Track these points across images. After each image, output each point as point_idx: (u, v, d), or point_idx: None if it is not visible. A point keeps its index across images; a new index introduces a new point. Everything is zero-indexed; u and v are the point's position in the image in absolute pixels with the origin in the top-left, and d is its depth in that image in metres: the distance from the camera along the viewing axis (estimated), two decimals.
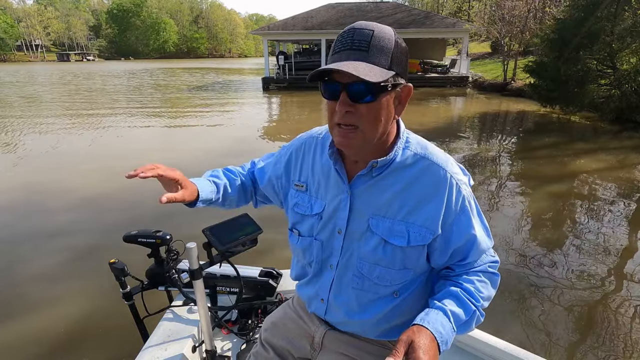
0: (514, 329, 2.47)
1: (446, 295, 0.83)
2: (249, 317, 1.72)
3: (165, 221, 4.00)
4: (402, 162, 0.84)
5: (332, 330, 1.01)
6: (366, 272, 0.89)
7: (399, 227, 0.84)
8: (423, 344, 0.69)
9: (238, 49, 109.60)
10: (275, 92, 17.48)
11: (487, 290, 0.87)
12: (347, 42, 0.73)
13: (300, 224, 0.98)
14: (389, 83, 0.73)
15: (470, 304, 0.82)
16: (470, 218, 0.85)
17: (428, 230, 0.83)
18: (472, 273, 0.87)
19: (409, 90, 0.80)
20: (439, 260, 0.89)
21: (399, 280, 0.89)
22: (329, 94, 0.77)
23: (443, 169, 0.84)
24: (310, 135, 1.00)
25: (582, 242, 3.65)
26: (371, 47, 0.72)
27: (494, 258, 0.91)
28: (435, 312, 0.78)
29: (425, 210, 0.83)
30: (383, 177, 0.85)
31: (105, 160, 6.72)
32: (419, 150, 0.85)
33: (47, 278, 3.16)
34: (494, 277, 0.90)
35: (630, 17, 9.31)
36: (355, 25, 0.75)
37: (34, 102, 15.14)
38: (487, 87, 17.14)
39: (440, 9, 44.15)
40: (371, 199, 0.86)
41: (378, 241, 0.85)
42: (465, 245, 0.86)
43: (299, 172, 0.99)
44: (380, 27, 0.74)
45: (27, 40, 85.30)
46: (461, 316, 0.80)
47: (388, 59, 0.73)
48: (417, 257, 0.86)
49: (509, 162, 6.68)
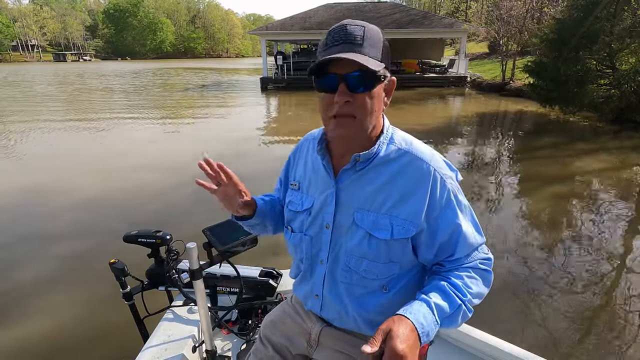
0: (513, 329, 2.46)
1: (432, 288, 0.82)
2: (249, 317, 1.72)
3: (165, 221, 3.99)
4: (386, 157, 0.86)
5: (328, 327, 1.03)
6: (353, 266, 0.90)
7: (382, 220, 0.85)
8: (402, 333, 0.67)
9: (235, 49, 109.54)
10: (274, 93, 17.46)
11: (477, 286, 0.85)
12: (340, 36, 0.76)
13: (293, 221, 1.00)
14: (383, 74, 0.78)
15: (456, 297, 0.81)
16: (456, 212, 0.85)
17: (411, 224, 0.84)
18: (462, 269, 0.86)
19: (393, 83, 0.85)
20: (427, 255, 0.89)
21: (385, 273, 0.89)
22: (324, 87, 0.79)
23: (427, 163, 0.85)
24: (307, 137, 1.05)
25: (583, 242, 3.65)
26: (365, 40, 0.76)
27: (486, 255, 0.90)
28: (419, 303, 0.77)
29: (408, 203, 0.84)
30: (367, 171, 0.86)
31: (105, 160, 6.70)
32: (403, 145, 0.87)
33: (46, 278, 3.14)
34: (485, 274, 0.88)
35: (629, 17, 9.35)
36: (344, 22, 0.78)
37: (51, 100, 15.26)
38: (486, 87, 17.18)
39: (438, 9, 44.25)
40: (356, 193, 0.88)
41: (363, 235, 0.86)
42: (451, 239, 0.85)
43: (294, 173, 1.04)
44: (368, 24, 0.79)
45: (23, 40, 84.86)
46: (445, 309, 0.79)
47: (379, 52, 0.78)
48: (402, 250, 0.87)
49: (509, 162, 6.69)
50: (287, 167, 1.08)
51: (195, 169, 0.89)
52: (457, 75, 19.20)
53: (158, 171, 5.84)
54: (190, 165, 5.90)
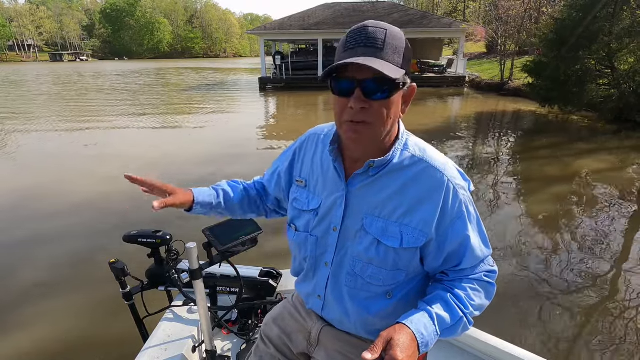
0: (514, 329, 2.47)
1: (435, 298, 0.83)
2: (249, 317, 1.71)
3: (165, 221, 3.98)
4: (399, 164, 0.84)
5: (329, 327, 1.02)
6: (359, 271, 0.89)
7: (392, 228, 0.84)
8: (402, 343, 0.68)
9: (233, 49, 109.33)
10: (272, 93, 17.45)
11: (480, 299, 0.86)
12: (361, 39, 0.73)
13: (297, 219, 0.98)
14: (402, 81, 0.74)
15: (458, 310, 0.82)
16: (466, 223, 0.85)
17: (422, 233, 0.83)
18: (466, 280, 0.86)
19: (413, 89, 0.81)
20: (433, 264, 0.89)
21: (391, 280, 0.88)
22: (341, 90, 0.76)
23: (440, 172, 0.83)
24: (315, 132, 1.01)
25: (584, 242, 3.65)
26: (386, 45, 0.72)
27: (492, 268, 0.90)
28: (421, 313, 0.78)
29: (420, 212, 0.82)
30: (380, 177, 0.85)
31: (104, 160, 6.68)
32: (417, 152, 0.85)
33: (46, 278, 3.13)
34: (489, 286, 0.88)
35: (628, 17, 9.37)
36: (367, 23, 0.75)
37: (60, 99, 15.25)
38: (484, 87, 17.22)
39: (436, 9, 44.29)
40: (367, 198, 0.86)
41: (371, 241, 0.85)
42: (459, 250, 0.85)
43: (301, 168, 1.00)
44: (391, 26, 0.75)
45: (19, 40, 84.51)
46: (447, 320, 0.80)
47: (400, 58, 0.74)
48: (410, 259, 0.86)
49: (509, 162, 6.70)
50: (291, 160, 1.03)
51: (194, 170, 0.88)
52: (455, 75, 19.24)
53: (159, 171, 5.85)
54: (190, 166, 5.91)
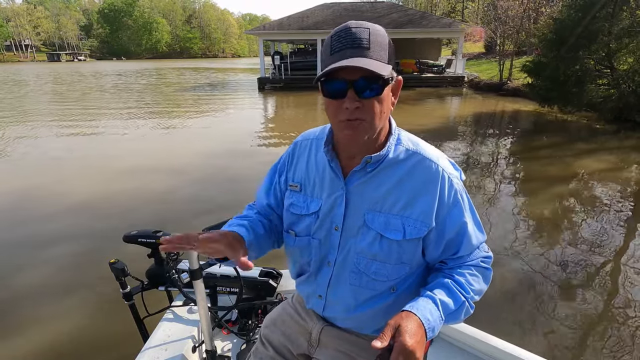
0: (513, 329, 2.45)
1: (437, 285, 0.85)
2: (249, 317, 1.71)
3: (165, 221, 3.97)
4: (395, 158, 0.87)
5: (329, 326, 1.02)
6: (363, 268, 0.90)
7: (394, 221, 0.86)
8: (410, 329, 0.70)
9: (231, 49, 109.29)
10: (271, 93, 17.44)
11: (479, 284, 0.89)
12: (347, 40, 0.75)
13: (296, 225, 0.98)
14: (390, 76, 0.77)
15: (460, 295, 0.84)
16: (462, 211, 0.88)
17: (423, 224, 0.85)
18: (464, 267, 0.90)
19: (399, 82, 0.84)
20: (434, 254, 0.91)
21: (395, 275, 0.90)
22: (333, 93, 0.77)
23: (435, 163, 0.87)
24: (304, 137, 1.02)
25: (584, 242, 3.65)
26: (372, 43, 0.75)
27: (487, 253, 0.94)
28: (425, 300, 0.80)
29: (419, 204, 0.85)
30: (377, 172, 0.87)
31: (104, 161, 6.67)
32: (410, 146, 0.89)
33: (46, 278, 3.13)
34: (486, 271, 0.92)
35: (627, 17, 9.40)
36: (349, 24, 0.77)
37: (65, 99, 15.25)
38: (483, 87, 17.24)
39: (434, 9, 44.35)
40: (366, 194, 0.88)
41: (374, 236, 0.87)
42: (457, 237, 0.88)
43: (293, 173, 1.00)
44: (373, 24, 0.78)
45: (17, 40, 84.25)
46: (450, 305, 0.82)
47: (386, 53, 0.77)
48: (414, 250, 0.88)
49: (509, 161, 6.70)
50: (283, 168, 1.02)
51: (194, 170, 0.87)
52: (454, 75, 19.27)
53: (158, 172, 5.84)
54: (190, 167, 5.92)
